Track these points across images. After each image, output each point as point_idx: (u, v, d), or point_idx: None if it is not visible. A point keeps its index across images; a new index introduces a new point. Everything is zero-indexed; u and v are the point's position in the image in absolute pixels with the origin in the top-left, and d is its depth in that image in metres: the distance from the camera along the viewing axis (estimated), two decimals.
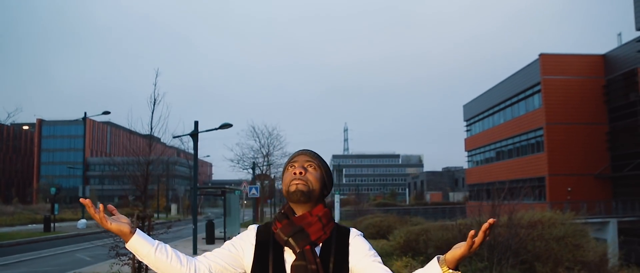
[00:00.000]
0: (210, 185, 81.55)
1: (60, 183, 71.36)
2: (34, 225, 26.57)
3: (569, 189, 27.87)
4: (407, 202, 56.92)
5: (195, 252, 13.19)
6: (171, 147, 31.99)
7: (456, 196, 56.60)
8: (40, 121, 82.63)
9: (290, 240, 1.46)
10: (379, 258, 1.50)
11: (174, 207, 52.50)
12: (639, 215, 22.43)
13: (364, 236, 1.58)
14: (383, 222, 16.38)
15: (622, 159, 26.95)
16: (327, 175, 1.59)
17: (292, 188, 1.50)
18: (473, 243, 1.23)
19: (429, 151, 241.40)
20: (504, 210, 7.31)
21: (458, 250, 1.26)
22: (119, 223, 1.41)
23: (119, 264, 8.59)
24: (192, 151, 58.32)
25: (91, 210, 1.37)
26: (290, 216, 1.52)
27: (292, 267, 1.45)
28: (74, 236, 20.65)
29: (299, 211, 1.53)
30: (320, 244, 1.50)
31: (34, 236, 19.13)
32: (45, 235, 19.95)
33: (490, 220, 1.22)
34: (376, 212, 25.31)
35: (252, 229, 1.59)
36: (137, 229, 1.45)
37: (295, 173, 1.51)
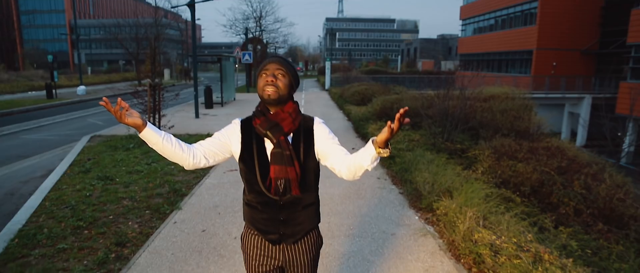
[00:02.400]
0: (206, 52, 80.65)
1: (46, 47, 69.79)
2: (34, 91, 26.98)
3: (554, 64, 28.53)
4: (398, 70, 56.69)
5: (197, 116, 14.36)
6: (158, 7, 30.90)
7: (448, 65, 56.38)
8: None
9: (268, 132, 1.79)
10: (336, 140, 1.87)
11: (167, 72, 51.85)
12: (613, 92, 23.48)
13: (324, 123, 1.91)
14: (367, 90, 17.14)
15: (611, 36, 26.83)
16: (294, 77, 1.84)
17: (265, 95, 1.78)
18: (392, 129, 1.52)
19: (426, 17, 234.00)
20: (457, 84, 8.68)
21: (383, 134, 1.55)
22: (133, 118, 1.66)
23: None
24: (180, 13, 55.17)
25: (110, 108, 1.60)
26: (266, 114, 1.83)
27: (272, 153, 1.80)
28: (78, 102, 21.48)
29: (273, 109, 1.83)
30: (291, 134, 1.84)
31: (40, 103, 19.74)
32: (51, 101, 20.61)
33: (402, 110, 1.46)
34: (365, 80, 25.40)
35: (237, 123, 1.90)
36: (148, 122, 1.71)
37: (267, 81, 1.77)
